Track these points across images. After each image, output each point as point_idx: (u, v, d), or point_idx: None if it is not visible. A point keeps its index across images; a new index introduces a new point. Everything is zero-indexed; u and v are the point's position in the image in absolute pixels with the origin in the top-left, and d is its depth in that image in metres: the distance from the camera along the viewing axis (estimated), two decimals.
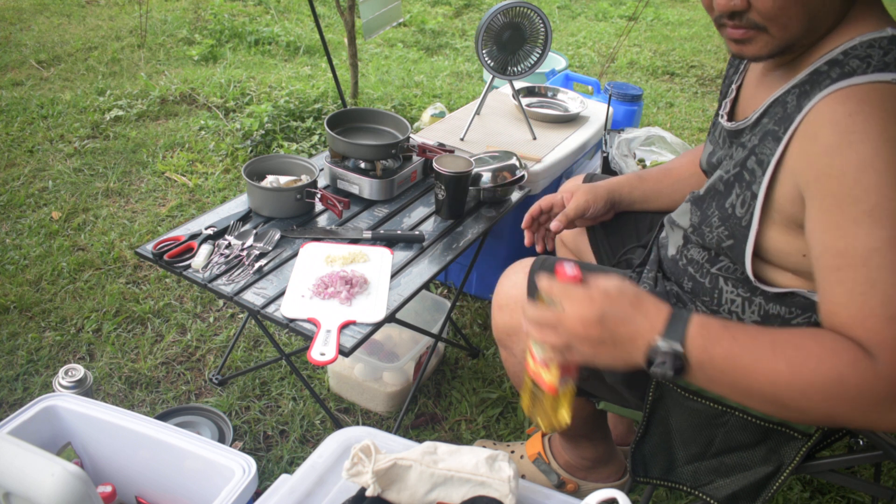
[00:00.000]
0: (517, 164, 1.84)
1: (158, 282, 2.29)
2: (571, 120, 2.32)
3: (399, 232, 1.67)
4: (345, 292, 1.45)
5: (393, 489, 0.98)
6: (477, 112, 2.17)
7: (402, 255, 1.62)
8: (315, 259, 1.56)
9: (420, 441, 1.08)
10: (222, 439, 1.67)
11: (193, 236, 1.58)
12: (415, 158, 1.89)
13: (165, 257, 1.51)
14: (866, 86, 0.90)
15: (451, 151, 1.92)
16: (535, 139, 2.16)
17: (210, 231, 1.60)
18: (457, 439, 1.84)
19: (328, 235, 1.65)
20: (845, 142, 0.88)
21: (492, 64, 2.01)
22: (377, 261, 1.57)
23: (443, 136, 2.12)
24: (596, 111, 2.39)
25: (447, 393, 1.97)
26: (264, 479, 1.68)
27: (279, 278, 1.51)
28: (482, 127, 2.22)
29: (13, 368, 1.93)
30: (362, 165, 1.80)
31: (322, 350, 1.31)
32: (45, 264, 2.32)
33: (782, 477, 1.11)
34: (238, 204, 1.74)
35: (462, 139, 2.12)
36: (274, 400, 1.90)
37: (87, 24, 4.57)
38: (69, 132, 3.17)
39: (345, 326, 1.38)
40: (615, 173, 2.13)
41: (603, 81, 3.41)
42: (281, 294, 1.46)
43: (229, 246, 1.58)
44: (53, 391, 1.54)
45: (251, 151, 3.07)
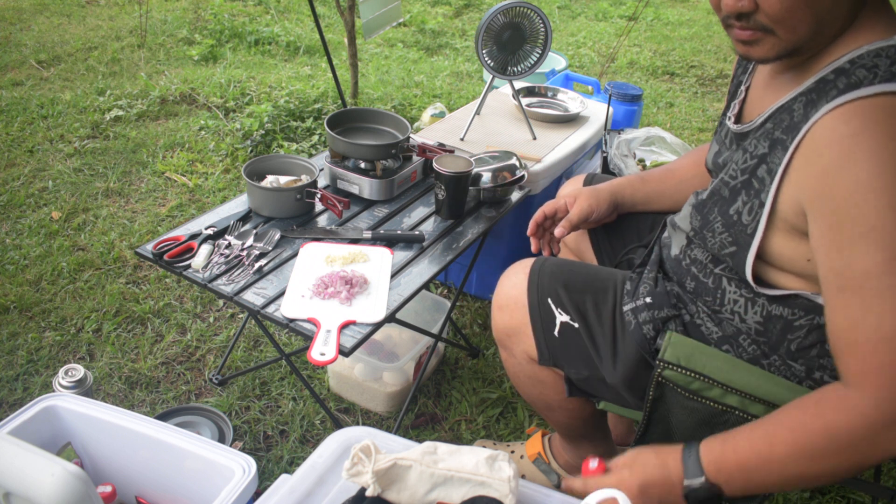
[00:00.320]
0: (517, 164, 1.84)
1: (158, 282, 2.29)
2: (571, 120, 2.32)
3: (399, 232, 1.67)
4: (345, 292, 1.45)
5: (393, 489, 0.98)
6: (477, 112, 2.17)
7: (402, 255, 1.62)
8: (315, 259, 1.56)
9: (420, 441, 1.08)
10: (222, 439, 1.66)
11: (193, 236, 1.58)
12: (415, 158, 1.89)
13: (165, 257, 1.51)
14: (872, 100, 0.90)
15: (451, 151, 1.92)
16: (535, 139, 2.16)
17: (210, 231, 1.60)
18: (457, 439, 1.84)
19: (328, 235, 1.65)
20: (846, 163, 0.89)
21: (492, 64, 2.01)
22: (377, 261, 1.57)
23: (443, 136, 2.12)
24: (596, 111, 2.39)
25: (447, 393, 1.97)
26: (264, 479, 1.68)
27: (279, 278, 1.51)
28: (482, 127, 2.22)
29: (13, 368, 1.93)
30: (362, 165, 1.80)
31: (322, 350, 1.31)
32: (45, 264, 2.32)
33: None
34: (238, 204, 1.74)
35: (462, 139, 2.12)
36: (274, 400, 1.90)
37: (87, 24, 4.57)
38: (69, 132, 3.17)
39: (345, 326, 1.38)
40: (615, 173, 2.13)
41: (603, 81, 3.41)
42: (281, 294, 1.46)
43: (229, 246, 1.58)
44: (53, 391, 1.54)
45: (251, 151, 3.07)
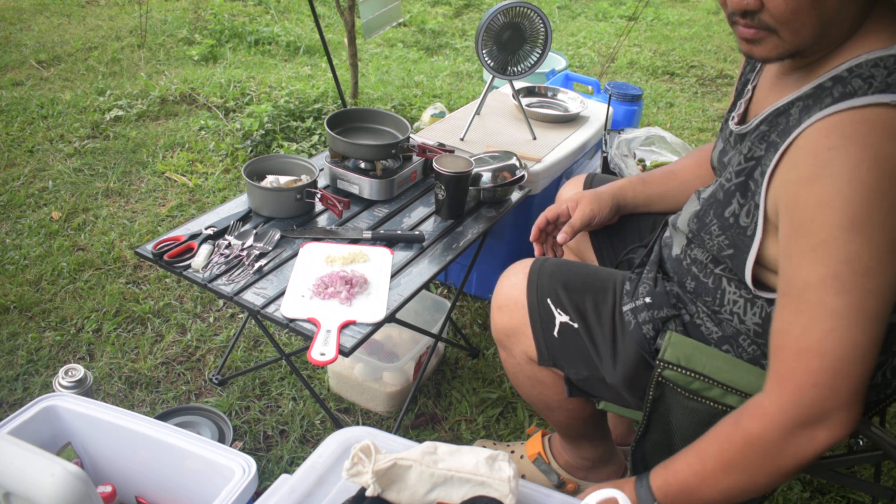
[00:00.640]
0: (517, 164, 1.84)
1: (158, 282, 2.29)
2: (571, 120, 2.32)
3: (399, 232, 1.67)
4: (345, 292, 1.45)
5: (393, 489, 0.98)
6: (477, 112, 2.17)
7: (402, 255, 1.62)
8: (315, 259, 1.56)
9: (420, 441, 1.08)
10: (222, 439, 1.66)
11: (193, 236, 1.58)
12: (415, 158, 1.89)
13: (165, 257, 1.51)
14: (860, 112, 0.90)
15: (451, 151, 1.92)
16: (535, 139, 2.16)
17: (210, 231, 1.60)
18: (457, 439, 1.84)
19: (328, 235, 1.65)
20: (816, 175, 0.90)
21: (492, 64, 2.01)
22: (377, 261, 1.57)
23: (443, 136, 2.12)
24: (596, 111, 2.39)
25: (447, 393, 1.97)
26: (264, 479, 1.68)
27: (279, 278, 1.51)
28: (482, 127, 2.22)
29: (13, 368, 1.93)
30: (362, 165, 1.80)
31: (322, 350, 1.31)
32: (45, 264, 2.32)
33: None
34: (238, 204, 1.74)
35: (462, 139, 2.12)
36: (274, 400, 1.90)
37: (87, 24, 4.57)
38: (69, 132, 3.17)
39: (345, 326, 1.38)
40: (615, 173, 2.13)
41: (603, 81, 3.41)
42: (281, 294, 1.46)
43: (229, 246, 1.58)
44: (53, 391, 1.54)
45: (251, 151, 3.07)
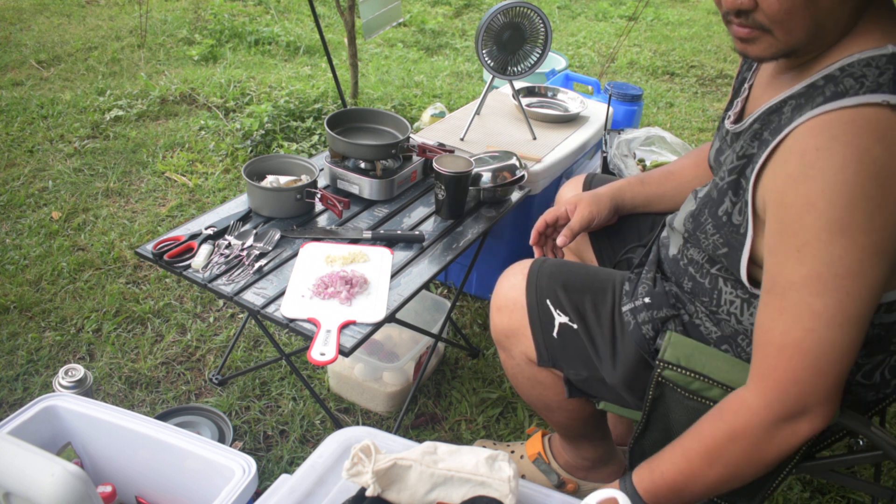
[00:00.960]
0: (517, 164, 1.85)
1: (158, 282, 2.29)
2: (571, 120, 2.32)
3: (399, 232, 1.67)
4: (345, 292, 1.45)
5: (393, 489, 0.98)
6: (477, 112, 2.17)
7: (402, 255, 1.62)
8: (315, 259, 1.56)
9: (420, 441, 1.08)
10: (222, 439, 1.67)
11: (193, 236, 1.58)
12: (415, 158, 1.89)
13: (165, 257, 1.51)
14: (850, 112, 0.90)
15: (451, 151, 1.92)
16: (535, 139, 2.16)
17: (210, 231, 1.60)
18: (457, 439, 1.84)
19: (328, 235, 1.65)
20: (803, 176, 0.91)
21: (492, 64, 2.02)
22: (377, 261, 1.57)
23: (443, 136, 2.12)
24: (596, 111, 2.39)
25: (447, 393, 1.97)
26: (264, 479, 1.68)
27: (279, 278, 1.51)
28: (482, 127, 2.22)
29: (13, 368, 1.93)
30: (362, 165, 1.80)
31: (322, 350, 1.31)
32: (45, 264, 2.32)
33: (781, 476, 1.11)
34: (238, 204, 1.75)
35: (462, 139, 2.12)
36: (274, 400, 1.90)
37: (87, 24, 4.57)
38: (69, 132, 3.17)
39: (345, 326, 1.38)
40: (615, 174, 2.13)
41: (603, 81, 3.41)
42: (281, 294, 1.46)
43: (229, 246, 1.58)
44: (53, 391, 1.54)
45: (251, 151, 3.07)
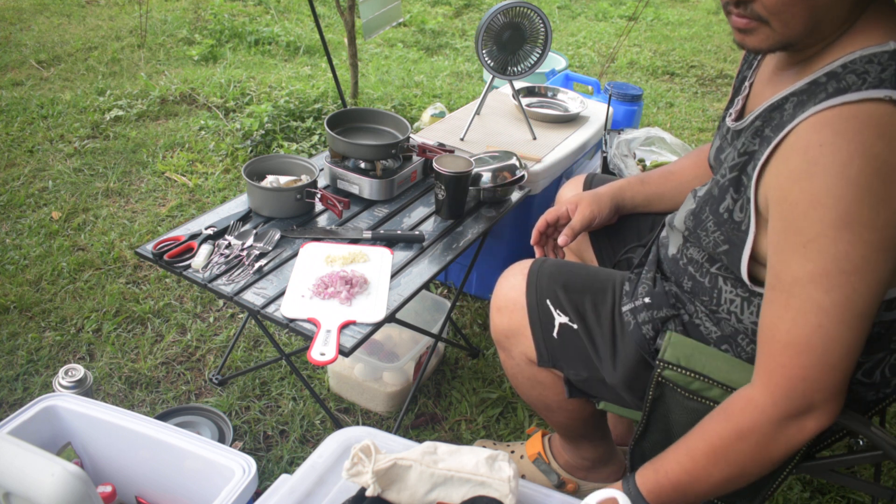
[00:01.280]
0: (517, 164, 1.85)
1: (158, 282, 2.29)
2: (571, 120, 2.32)
3: (399, 232, 1.67)
4: (345, 292, 1.45)
5: (393, 489, 0.98)
6: (477, 112, 2.17)
7: (402, 255, 1.62)
8: (315, 259, 1.56)
9: (420, 441, 1.08)
10: (222, 439, 1.67)
11: (193, 236, 1.58)
12: (415, 158, 1.89)
13: (165, 257, 1.51)
14: (852, 108, 0.90)
15: (451, 151, 1.92)
16: (535, 139, 2.16)
17: (210, 231, 1.60)
18: (457, 439, 1.84)
19: (328, 235, 1.65)
20: (807, 173, 0.91)
21: (492, 64, 2.02)
22: (377, 261, 1.57)
23: (443, 136, 2.12)
24: (596, 111, 2.39)
25: (447, 393, 1.97)
26: (264, 479, 1.68)
27: (279, 278, 1.51)
28: (482, 127, 2.22)
29: (13, 368, 1.93)
30: (362, 165, 1.80)
31: (322, 350, 1.31)
32: (45, 264, 2.32)
33: (781, 476, 1.11)
34: (238, 204, 1.75)
35: (462, 139, 2.12)
36: (274, 400, 1.90)
37: (87, 24, 4.57)
38: (69, 132, 3.17)
39: (345, 326, 1.38)
40: (615, 174, 2.13)
41: (603, 81, 3.41)
42: (281, 294, 1.46)
43: (229, 246, 1.58)
44: (53, 391, 1.54)
45: (251, 151, 3.07)
